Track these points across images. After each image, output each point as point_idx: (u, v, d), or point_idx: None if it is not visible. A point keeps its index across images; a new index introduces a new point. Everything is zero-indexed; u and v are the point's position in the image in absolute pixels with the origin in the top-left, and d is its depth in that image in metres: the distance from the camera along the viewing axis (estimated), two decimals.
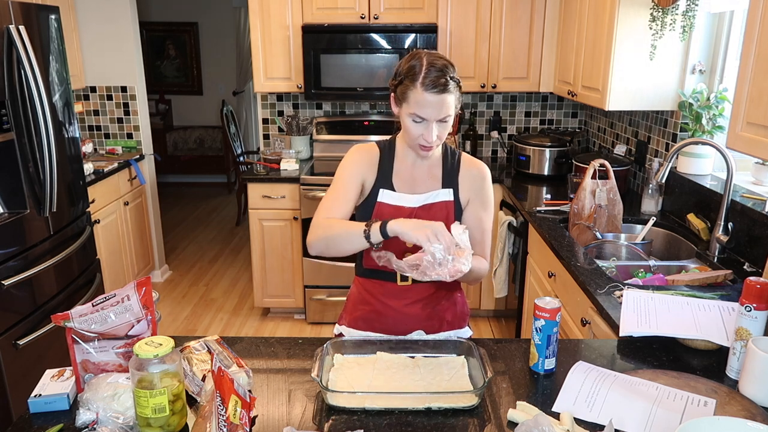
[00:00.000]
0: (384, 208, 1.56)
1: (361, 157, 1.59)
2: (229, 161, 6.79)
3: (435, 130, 1.45)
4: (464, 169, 1.59)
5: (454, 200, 1.57)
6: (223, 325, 3.80)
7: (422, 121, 1.45)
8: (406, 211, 1.55)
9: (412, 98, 1.43)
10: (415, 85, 1.42)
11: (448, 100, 1.43)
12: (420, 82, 1.41)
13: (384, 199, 1.56)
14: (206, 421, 1.10)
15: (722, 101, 2.43)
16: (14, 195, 2.46)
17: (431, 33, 3.42)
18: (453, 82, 1.44)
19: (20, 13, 2.45)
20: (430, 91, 1.41)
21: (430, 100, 1.41)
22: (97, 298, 1.23)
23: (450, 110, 1.45)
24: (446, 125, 1.47)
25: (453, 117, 1.48)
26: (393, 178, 1.57)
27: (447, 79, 1.42)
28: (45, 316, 2.55)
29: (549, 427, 1.04)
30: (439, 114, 1.43)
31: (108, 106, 4.15)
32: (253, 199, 3.54)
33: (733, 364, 1.34)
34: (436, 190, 1.57)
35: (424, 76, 1.41)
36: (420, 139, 1.47)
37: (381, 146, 1.62)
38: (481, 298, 3.67)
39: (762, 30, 1.54)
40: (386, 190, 1.56)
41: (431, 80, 1.41)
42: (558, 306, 1.32)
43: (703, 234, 2.28)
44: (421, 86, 1.41)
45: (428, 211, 1.55)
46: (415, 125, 1.47)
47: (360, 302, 1.67)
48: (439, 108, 1.42)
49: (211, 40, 7.19)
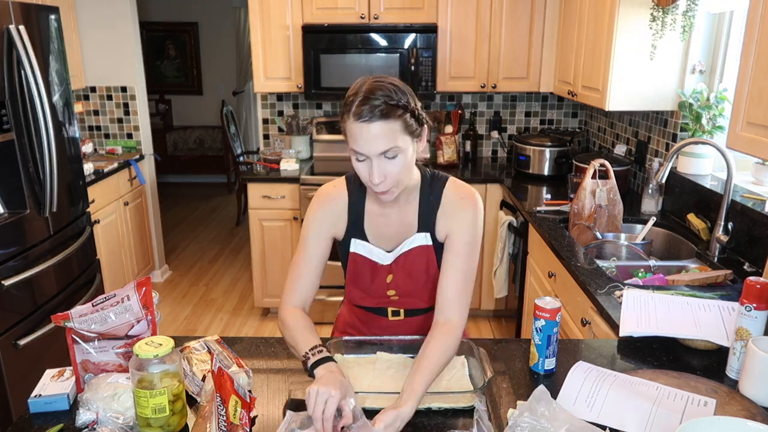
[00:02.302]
0: (358, 259, 1.43)
1: (324, 213, 1.41)
2: (229, 161, 6.79)
3: (378, 168, 1.22)
4: (446, 202, 1.39)
5: (432, 243, 1.40)
6: (223, 325, 3.80)
7: (365, 159, 1.23)
8: (381, 269, 1.43)
9: (348, 131, 1.23)
10: (349, 115, 1.21)
11: (389, 128, 1.19)
12: (352, 111, 1.20)
13: (357, 250, 1.43)
14: (206, 421, 1.10)
15: (722, 101, 2.42)
16: (14, 195, 2.46)
17: (431, 33, 3.42)
18: (396, 108, 1.19)
19: (20, 13, 2.45)
20: (363, 120, 1.18)
21: (361, 130, 1.19)
22: (97, 298, 1.23)
23: (394, 142, 1.20)
24: (396, 162, 1.23)
25: (407, 152, 1.24)
26: (365, 226, 1.42)
27: (383, 102, 1.18)
28: (45, 316, 2.55)
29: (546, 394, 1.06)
30: (377, 147, 1.19)
31: (108, 106, 4.15)
32: (253, 199, 3.54)
33: (733, 364, 1.34)
34: (410, 236, 1.40)
35: (358, 104, 1.19)
36: (368, 181, 1.26)
37: (350, 185, 1.43)
38: (481, 298, 3.67)
39: (762, 30, 1.53)
40: (358, 240, 1.42)
41: (361, 107, 1.18)
42: (558, 306, 1.32)
43: (703, 234, 2.28)
44: (353, 116, 1.20)
45: (404, 262, 1.41)
46: (359, 164, 1.25)
47: (349, 326, 1.59)
48: (374, 139, 1.19)
49: (211, 40, 7.19)
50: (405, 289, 1.46)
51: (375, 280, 1.46)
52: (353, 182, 1.43)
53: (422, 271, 1.43)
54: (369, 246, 1.43)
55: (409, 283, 1.45)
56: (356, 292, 1.51)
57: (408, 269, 1.43)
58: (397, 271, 1.43)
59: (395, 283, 1.45)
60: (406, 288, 1.45)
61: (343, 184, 1.44)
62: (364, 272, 1.45)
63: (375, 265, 1.44)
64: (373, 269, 1.45)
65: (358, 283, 1.48)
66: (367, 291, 1.48)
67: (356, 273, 1.47)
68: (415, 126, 1.25)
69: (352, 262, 1.45)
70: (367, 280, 1.46)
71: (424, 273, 1.43)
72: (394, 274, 1.44)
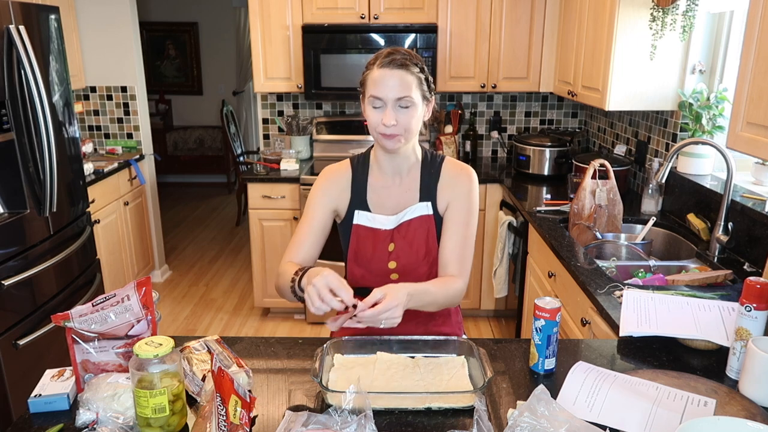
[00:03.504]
0: (361, 231, 1.50)
1: (329, 185, 1.53)
2: (229, 161, 6.79)
3: (393, 112, 1.37)
4: (445, 175, 1.51)
5: (433, 213, 1.49)
6: (223, 325, 3.80)
7: (381, 106, 1.38)
8: (382, 234, 1.49)
9: (369, 80, 1.39)
10: (373, 68, 1.39)
11: (406, 79, 1.37)
12: (377, 62, 1.39)
13: (360, 221, 1.50)
14: (206, 421, 1.10)
15: (722, 101, 2.43)
16: (14, 195, 2.46)
17: (431, 33, 3.42)
18: (415, 66, 1.39)
19: (20, 13, 2.45)
20: (386, 67, 1.37)
21: (385, 75, 1.36)
22: (97, 298, 1.23)
23: (409, 92, 1.37)
24: (408, 112, 1.38)
25: (418, 108, 1.40)
26: (368, 197, 1.52)
27: (405, 58, 1.38)
28: (45, 316, 2.55)
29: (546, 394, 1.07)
30: (397, 92, 1.36)
31: (108, 106, 4.15)
32: (253, 199, 3.54)
33: (733, 364, 1.34)
34: (412, 205, 1.50)
35: (384, 56, 1.39)
36: (380, 126, 1.39)
37: (354, 163, 1.55)
38: (481, 298, 3.67)
39: (762, 30, 1.54)
40: (361, 211, 1.50)
41: (388, 59, 1.38)
42: (558, 306, 1.32)
43: (703, 234, 2.28)
44: (378, 66, 1.38)
45: (406, 230, 1.49)
46: (374, 112, 1.40)
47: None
48: (395, 86, 1.36)
49: (211, 40, 7.19)
50: (405, 261, 1.49)
51: (377, 251, 1.49)
52: (357, 161, 1.55)
53: (422, 242, 1.49)
54: (371, 215, 1.51)
55: (410, 253, 1.49)
56: (357, 271, 1.53)
57: (410, 239, 1.48)
58: (399, 240, 1.49)
59: (396, 253, 1.49)
60: (407, 259, 1.49)
61: (347, 162, 1.56)
62: (366, 244, 1.50)
63: (377, 234, 1.49)
64: (375, 239, 1.49)
65: (359, 257, 1.52)
66: (368, 266, 1.50)
67: (358, 246, 1.51)
68: (426, 88, 1.42)
69: (354, 236, 1.51)
70: (369, 251, 1.50)
71: (425, 244, 1.49)
72: (395, 243, 1.49)
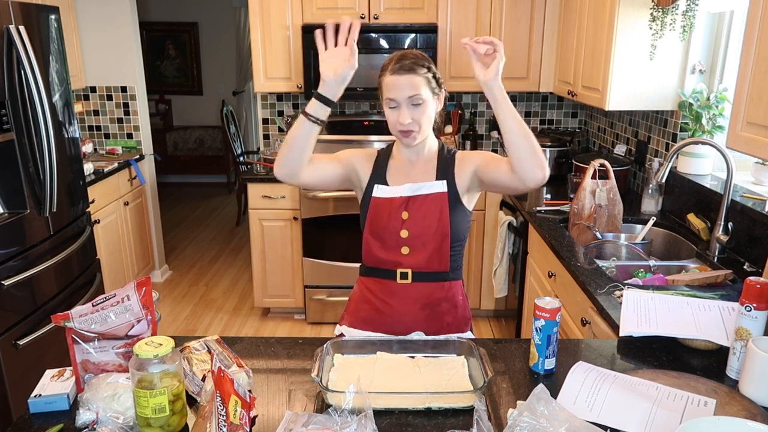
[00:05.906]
0: (378, 202, 1.63)
1: (360, 152, 1.73)
2: (229, 161, 6.79)
3: (407, 111, 1.53)
4: (459, 159, 1.65)
5: (448, 192, 1.60)
6: (223, 325, 3.80)
7: (396, 106, 1.54)
8: (397, 201, 1.60)
9: (384, 85, 1.56)
10: (386, 74, 1.56)
11: (415, 81, 1.52)
12: (389, 69, 1.55)
13: (378, 194, 1.63)
14: (206, 421, 1.10)
15: (722, 101, 2.43)
16: (14, 195, 2.46)
17: (431, 33, 3.41)
18: (421, 67, 1.53)
19: (20, 13, 2.45)
20: (396, 73, 1.53)
21: (396, 80, 1.52)
22: (97, 298, 1.23)
23: (419, 90, 1.52)
24: (420, 108, 1.54)
25: (428, 103, 1.55)
26: (387, 174, 1.66)
27: (412, 61, 1.53)
28: (45, 316, 2.55)
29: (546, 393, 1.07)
30: (405, 93, 1.52)
31: (108, 106, 4.15)
32: (253, 199, 3.54)
33: (733, 364, 1.34)
34: (429, 181, 1.62)
35: (393, 63, 1.55)
36: (397, 124, 1.56)
37: (380, 150, 1.74)
38: (481, 298, 3.67)
39: (762, 30, 1.54)
40: (380, 185, 1.64)
41: (397, 65, 1.53)
42: (558, 306, 1.32)
43: (703, 234, 2.28)
44: (390, 72, 1.54)
45: (421, 203, 1.60)
46: (391, 112, 1.57)
47: (361, 301, 1.70)
48: (406, 88, 1.52)
49: (211, 40, 7.19)
50: (417, 232, 1.59)
51: (391, 219, 1.60)
52: (381, 150, 1.73)
53: (435, 217, 1.58)
54: (389, 188, 1.63)
55: (423, 226, 1.59)
56: (372, 243, 1.64)
57: (423, 212, 1.59)
58: (413, 210, 1.59)
59: (409, 222, 1.59)
60: (418, 230, 1.59)
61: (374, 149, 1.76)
62: (381, 214, 1.61)
63: (392, 202, 1.61)
64: (390, 207, 1.60)
65: (374, 227, 1.62)
66: (381, 234, 1.61)
67: (374, 216, 1.62)
68: (434, 84, 1.57)
69: (372, 208, 1.62)
70: (384, 219, 1.61)
71: (437, 221, 1.58)
72: (409, 213, 1.59)
